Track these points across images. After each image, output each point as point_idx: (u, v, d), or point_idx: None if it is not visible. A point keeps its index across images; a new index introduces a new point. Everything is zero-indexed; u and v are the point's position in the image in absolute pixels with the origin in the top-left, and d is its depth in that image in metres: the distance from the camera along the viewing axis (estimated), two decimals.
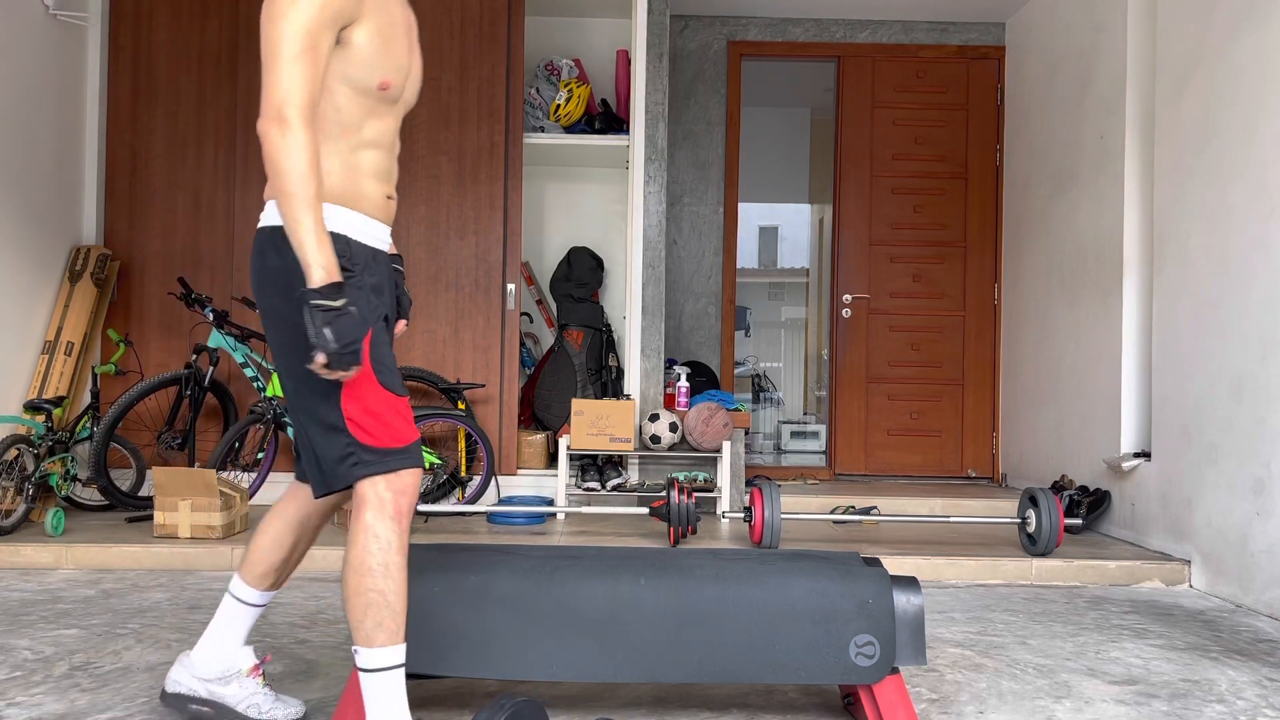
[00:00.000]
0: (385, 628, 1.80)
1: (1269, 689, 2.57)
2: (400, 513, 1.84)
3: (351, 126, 1.89)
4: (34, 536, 3.93)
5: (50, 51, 4.74)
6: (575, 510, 4.42)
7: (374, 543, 1.81)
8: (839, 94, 6.24)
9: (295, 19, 1.73)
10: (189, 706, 2.11)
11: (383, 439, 1.84)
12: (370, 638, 1.80)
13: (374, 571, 1.79)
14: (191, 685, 2.12)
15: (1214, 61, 3.79)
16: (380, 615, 1.80)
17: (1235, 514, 3.58)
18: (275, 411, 4.51)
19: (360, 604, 1.80)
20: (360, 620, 1.80)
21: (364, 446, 1.84)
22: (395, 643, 1.82)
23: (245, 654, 2.14)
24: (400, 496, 1.84)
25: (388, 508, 1.83)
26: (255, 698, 2.12)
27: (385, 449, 1.84)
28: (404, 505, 1.85)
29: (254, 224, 5.08)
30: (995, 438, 6.13)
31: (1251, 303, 3.52)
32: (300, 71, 1.73)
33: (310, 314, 1.70)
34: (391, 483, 1.84)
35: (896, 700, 2.05)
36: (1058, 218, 5.25)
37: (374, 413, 1.85)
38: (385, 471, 1.84)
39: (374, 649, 1.80)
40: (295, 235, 1.72)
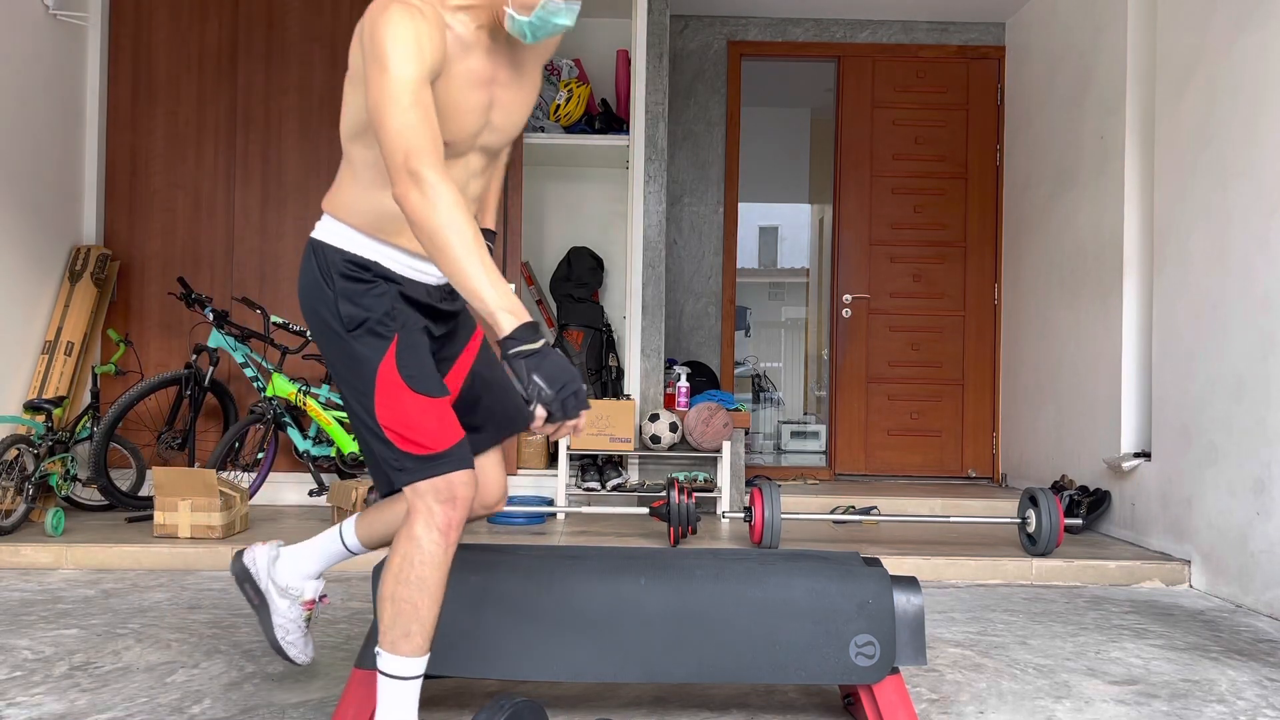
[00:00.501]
0: (412, 639, 1.78)
1: (1269, 689, 2.57)
2: (449, 525, 1.79)
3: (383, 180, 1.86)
4: (34, 536, 3.93)
5: (50, 51, 4.74)
6: (575, 510, 4.42)
7: (417, 554, 1.77)
8: (839, 94, 6.24)
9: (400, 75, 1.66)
10: (244, 584, 2.22)
11: (423, 444, 1.81)
12: (395, 644, 1.78)
13: (410, 583, 1.77)
14: (260, 572, 2.21)
15: (1214, 61, 3.79)
16: (409, 625, 1.78)
17: (1235, 514, 3.58)
18: (275, 411, 4.51)
19: (391, 610, 1.78)
20: (389, 626, 1.78)
21: (405, 454, 1.81)
22: (418, 654, 1.80)
23: (314, 585, 2.24)
24: (449, 508, 1.80)
25: (436, 519, 1.79)
26: (291, 625, 2.20)
27: (427, 455, 1.81)
28: (453, 517, 1.80)
29: (254, 224, 5.08)
30: (995, 438, 6.13)
31: (1251, 303, 3.52)
32: (421, 123, 1.65)
33: (514, 365, 1.59)
34: (440, 491, 1.80)
35: (896, 700, 2.05)
36: (1058, 218, 5.25)
37: (409, 421, 1.82)
38: (430, 476, 1.80)
39: (396, 656, 1.79)
40: (466, 288, 1.61)
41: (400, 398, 1.82)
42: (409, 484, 1.81)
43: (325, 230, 1.93)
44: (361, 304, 1.86)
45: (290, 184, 5.09)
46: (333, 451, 4.63)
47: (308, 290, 1.92)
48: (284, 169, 5.09)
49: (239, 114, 5.08)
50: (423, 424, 1.81)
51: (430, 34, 1.70)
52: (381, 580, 1.80)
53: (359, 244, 1.89)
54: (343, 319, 1.86)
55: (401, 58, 1.66)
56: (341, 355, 1.87)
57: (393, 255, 1.90)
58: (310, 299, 1.91)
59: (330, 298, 1.87)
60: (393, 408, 1.82)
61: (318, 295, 1.89)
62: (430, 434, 1.81)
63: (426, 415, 1.82)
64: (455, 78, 1.80)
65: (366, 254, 1.89)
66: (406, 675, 1.79)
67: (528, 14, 1.77)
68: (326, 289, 1.88)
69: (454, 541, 1.81)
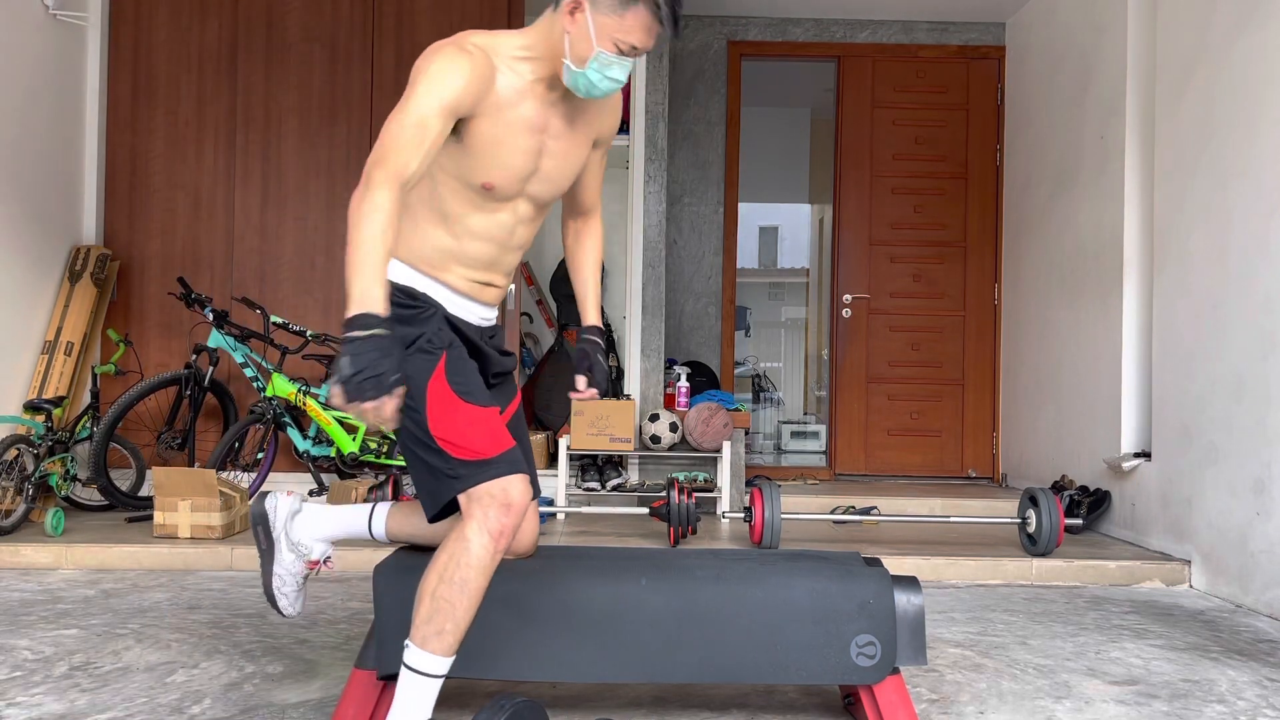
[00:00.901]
0: (444, 637, 1.80)
1: (1269, 689, 2.57)
2: (501, 531, 1.82)
3: (453, 217, 1.96)
4: (34, 536, 3.93)
5: (50, 51, 4.74)
6: (575, 510, 4.42)
7: (464, 555, 1.80)
8: (839, 94, 6.24)
9: (416, 99, 1.79)
10: (257, 527, 2.24)
11: (477, 450, 1.85)
12: (426, 640, 1.80)
13: (454, 583, 1.79)
14: (277, 521, 2.24)
15: (1214, 61, 3.79)
16: (443, 623, 1.80)
17: (1235, 514, 3.58)
18: (275, 411, 4.51)
19: (430, 605, 1.80)
20: (424, 621, 1.80)
21: (460, 461, 1.85)
22: (447, 654, 1.82)
23: (322, 548, 2.26)
24: (503, 513, 1.82)
25: (490, 524, 1.82)
26: (290, 578, 2.23)
27: (481, 460, 1.85)
28: (506, 524, 1.82)
29: (253, 224, 5.08)
30: (995, 438, 6.13)
31: (1251, 303, 3.52)
32: (404, 145, 1.76)
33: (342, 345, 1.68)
34: (496, 495, 1.83)
35: (897, 700, 2.05)
36: (1058, 218, 5.25)
37: (461, 429, 1.86)
38: (485, 480, 1.83)
39: (424, 652, 1.81)
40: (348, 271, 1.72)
41: (453, 408, 1.87)
42: (464, 490, 1.84)
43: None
44: (411, 325, 1.93)
45: (290, 184, 5.09)
46: (332, 451, 4.63)
47: None
48: (284, 169, 5.09)
49: (239, 114, 5.08)
50: (475, 431, 1.87)
51: (471, 76, 1.81)
52: (425, 576, 1.83)
53: (410, 277, 1.97)
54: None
55: (427, 89, 1.79)
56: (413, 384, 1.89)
57: (440, 290, 1.98)
58: None
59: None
60: (445, 418, 1.87)
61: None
62: (483, 440, 1.86)
63: (477, 423, 1.88)
64: (506, 121, 1.90)
65: (417, 286, 1.96)
66: (431, 673, 1.81)
67: (581, 66, 1.88)
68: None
69: (502, 549, 1.83)
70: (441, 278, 1.98)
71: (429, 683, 1.82)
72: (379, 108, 5.07)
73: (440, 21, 5.09)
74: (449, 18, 5.09)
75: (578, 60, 1.87)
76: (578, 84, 1.90)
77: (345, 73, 5.09)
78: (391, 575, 2.06)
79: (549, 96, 1.95)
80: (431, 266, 1.97)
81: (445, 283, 1.98)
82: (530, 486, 1.90)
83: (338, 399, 1.65)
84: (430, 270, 1.97)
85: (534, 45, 1.92)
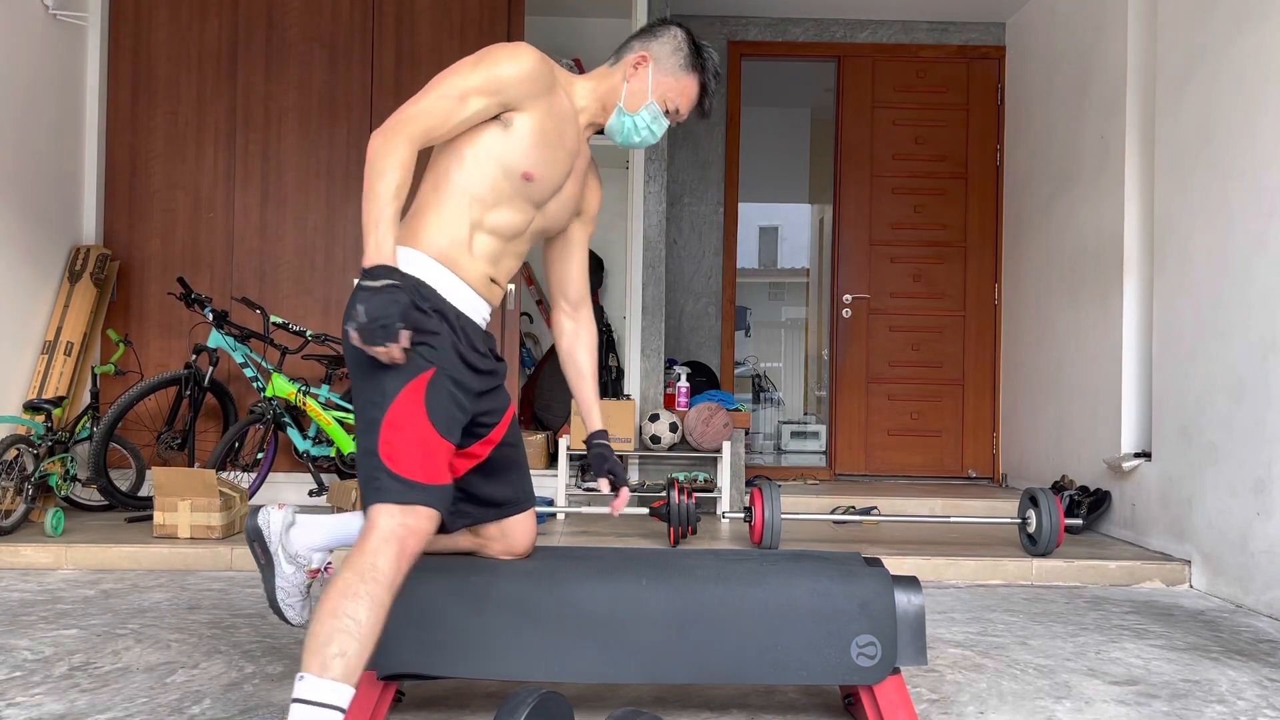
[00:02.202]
0: (346, 660, 1.67)
1: (1269, 689, 2.57)
2: (405, 552, 1.78)
3: (480, 202, 1.97)
4: (34, 536, 3.93)
5: (50, 51, 4.74)
6: (575, 510, 4.42)
7: (370, 571, 1.73)
8: (839, 94, 6.24)
9: (464, 73, 1.91)
10: (254, 543, 2.23)
11: (411, 470, 1.81)
12: (327, 665, 1.66)
13: (360, 598, 1.70)
14: (272, 535, 2.23)
15: (1214, 61, 3.79)
16: (346, 644, 1.67)
17: (1235, 514, 3.58)
18: (275, 411, 4.51)
19: (330, 626, 1.68)
20: (323, 644, 1.67)
21: (390, 473, 1.81)
22: (348, 681, 1.67)
23: (320, 556, 2.28)
24: (411, 536, 1.79)
25: (395, 542, 1.77)
26: (293, 589, 2.23)
27: (411, 480, 1.80)
28: (412, 546, 1.79)
29: (253, 223, 5.08)
30: (995, 438, 6.13)
31: (1251, 303, 3.52)
32: (435, 106, 1.87)
33: (355, 293, 1.75)
34: (407, 518, 1.79)
35: (897, 700, 2.05)
36: (1058, 217, 5.25)
37: (410, 444, 1.82)
38: (405, 502, 1.79)
39: (324, 680, 1.65)
40: (365, 219, 1.80)
41: (412, 421, 1.83)
42: (382, 503, 1.79)
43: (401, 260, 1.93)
44: (418, 324, 1.87)
45: (290, 184, 5.08)
46: (332, 451, 4.63)
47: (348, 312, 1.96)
48: (284, 169, 5.08)
49: (239, 114, 5.08)
50: (419, 454, 1.82)
51: (530, 70, 1.93)
52: (323, 595, 1.73)
53: (427, 270, 1.94)
54: None
55: (479, 66, 1.91)
56: (371, 360, 1.84)
57: (456, 286, 1.97)
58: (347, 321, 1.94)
59: None
60: (401, 426, 1.82)
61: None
62: (422, 465, 1.82)
63: (425, 448, 1.83)
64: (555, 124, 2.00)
65: (433, 283, 1.94)
66: (330, 703, 1.65)
67: (634, 111, 2.08)
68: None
69: (405, 570, 1.78)
70: (458, 272, 1.97)
71: (329, 716, 1.65)
72: (379, 108, 5.07)
73: (440, 21, 5.09)
74: (449, 18, 5.09)
75: (631, 106, 2.08)
76: (624, 125, 2.10)
77: (345, 73, 5.09)
78: None
79: (583, 133, 2.11)
80: (449, 261, 1.96)
81: (462, 277, 1.97)
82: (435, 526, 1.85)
83: (356, 340, 1.74)
84: (449, 264, 1.96)
85: (587, 87, 2.10)
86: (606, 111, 2.10)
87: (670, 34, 2.10)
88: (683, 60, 2.09)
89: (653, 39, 2.09)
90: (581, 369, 2.30)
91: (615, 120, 2.09)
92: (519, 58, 1.92)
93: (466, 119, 1.91)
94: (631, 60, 2.08)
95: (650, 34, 2.11)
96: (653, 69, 2.07)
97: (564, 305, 2.29)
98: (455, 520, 2.13)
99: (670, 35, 2.09)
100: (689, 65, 2.09)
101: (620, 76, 2.09)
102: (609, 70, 2.11)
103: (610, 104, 2.09)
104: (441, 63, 5.06)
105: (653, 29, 2.12)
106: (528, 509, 2.20)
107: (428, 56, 5.08)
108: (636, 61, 2.07)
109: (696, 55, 2.10)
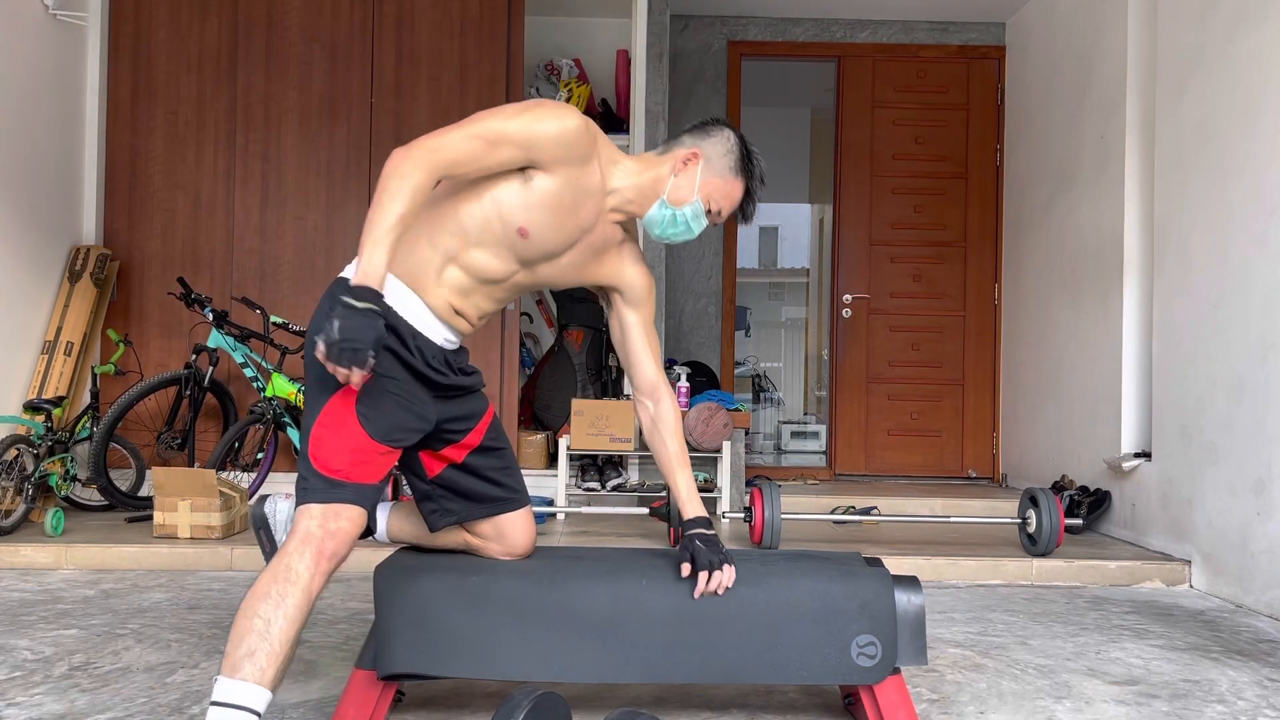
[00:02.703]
0: (255, 661, 1.66)
1: (1269, 689, 2.57)
2: (324, 554, 1.77)
3: (463, 236, 1.95)
4: (34, 536, 3.93)
5: (50, 51, 4.74)
6: (575, 510, 4.42)
7: (285, 572, 1.73)
8: (839, 94, 6.24)
9: (504, 119, 1.87)
10: (259, 531, 2.23)
11: (335, 468, 1.81)
12: (236, 666, 1.65)
13: (269, 598, 1.70)
14: (278, 525, 2.23)
15: (1214, 61, 3.79)
16: (254, 645, 1.66)
17: (1235, 514, 3.58)
18: (275, 411, 4.51)
19: (242, 627, 1.69)
20: (235, 644, 1.68)
21: (314, 472, 1.81)
22: (259, 682, 1.65)
23: None
24: (330, 539, 1.78)
25: (313, 543, 1.76)
26: None
27: (333, 480, 1.80)
28: (331, 548, 1.78)
29: (253, 223, 5.08)
30: (995, 438, 6.13)
31: (1251, 303, 3.52)
32: (465, 145, 1.84)
33: (331, 304, 1.69)
34: (328, 519, 1.78)
35: (897, 700, 2.05)
36: (1058, 217, 5.25)
37: (337, 443, 1.82)
38: (325, 501, 1.79)
39: (234, 680, 1.64)
40: (364, 234, 1.75)
41: (341, 423, 1.83)
42: (306, 503, 1.80)
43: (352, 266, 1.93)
44: None
45: (290, 184, 5.08)
46: None
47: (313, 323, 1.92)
48: (284, 169, 5.08)
49: (239, 114, 5.08)
50: (345, 453, 1.82)
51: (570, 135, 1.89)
52: (245, 598, 1.74)
53: (390, 289, 1.92)
54: None
55: (522, 116, 1.87)
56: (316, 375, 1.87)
57: (415, 307, 1.95)
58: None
59: None
60: (330, 427, 1.83)
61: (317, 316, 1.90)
62: (346, 464, 1.82)
63: (353, 449, 1.83)
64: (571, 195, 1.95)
65: (392, 301, 1.91)
66: (244, 705, 1.64)
67: (678, 206, 2.05)
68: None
69: (325, 572, 1.78)
70: (422, 295, 1.95)
71: (241, 718, 1.63)
72: (379, 108, 5.07)
73: (440, 21, 5.09)
74: (449, 18, 5.09)
75: (675, 201, 2.05)
76: (664, 217, 2.06)
77: (345, 73, 5.09)
78: (392, 575, 2.06)
79: (606, 215, 2.05)
80: (412, 281, 1.95)
81: (425, 300, 1.95)
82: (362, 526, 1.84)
83: (320, 354, 1.68)
84: (412, 284, 1.95)
85: (629, 170, 2.05)
86: (645, 199, 2.06)
87: (724, 135, 2.08)
88: (733, 163, 2.07)
89: (706, 137, 2.07)
90: (662, 456, 2.20)
91: (656, 212, 2.06)
92: (563, 121, 1.89)
93: (492, 165, 1.88)
94: (682, 155, 2.05)
95: (704, 131, 2.09)
96: (702, 167, 2.05)
97: (642, 392, 2.21)
98: (440, 518, 2.12)
99: (724, 137, 2.08)
100: (738, 169, 2.07)
101: (668, 169, 2.05)
102: (656, 159, 2.08)
103: (652, 194, 2.06)
104: (441, 63, 5.06)
105: (706, 127, 2.10)
106: (521, 507, 2.18)
107: (428, 56, 5.08)
108: (687, 157, 2.05)
109: (746, 160, 2.08)
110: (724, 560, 2.04)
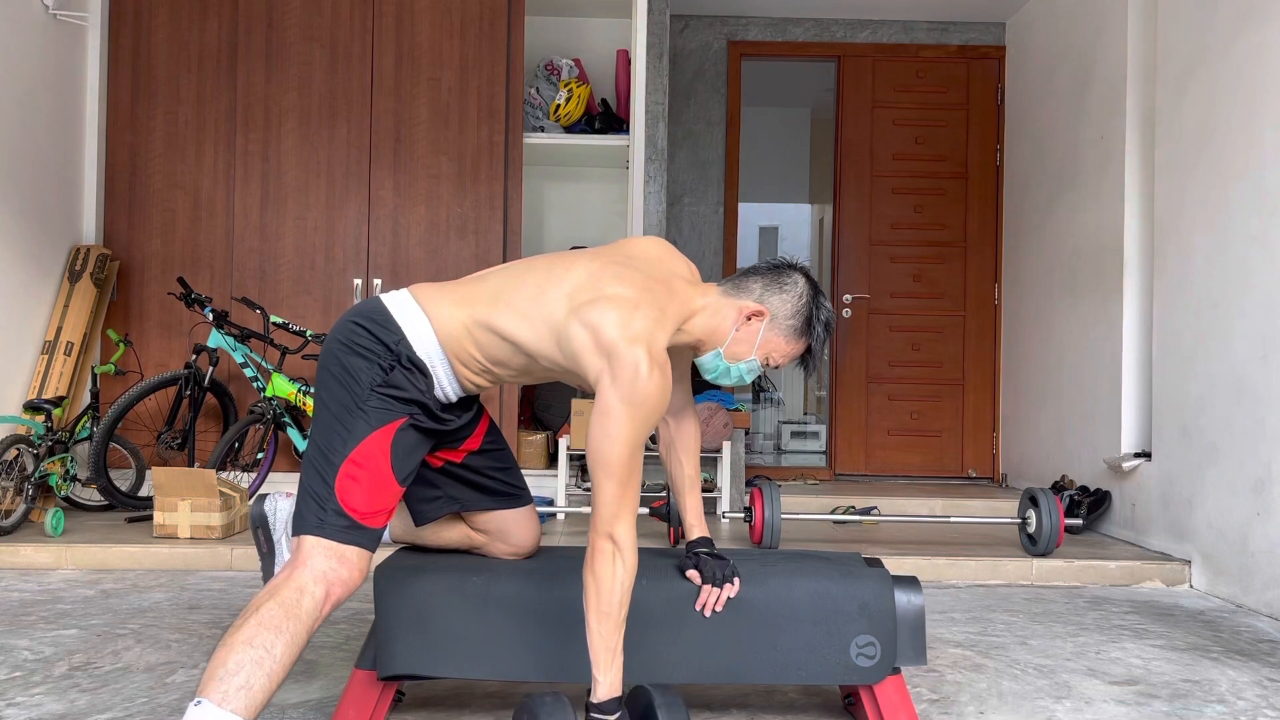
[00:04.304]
0: (250, 694, 1.62)
1: (1269, 689, 2.57)
2: (330, 598, 1.76)
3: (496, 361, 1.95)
4: (34, 536, 3.93)
5: (50, 51, 4.73)
6: (575, 510, 4.42)
7: (295, 608, 1.70)
8: (839, 94, 6.24)
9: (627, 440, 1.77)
10: (258, 530, 2.22)
11: (358, 510, 1.80)
12: (228, 696, 1.59)
13: (281, 633, 1.67)
14: (277, 524, 2.22)
15: (1214, 61, 3.79)
16: (253, 678, 1.62)
17: (1235, 514, 3.58)
18: (275, 411, 4.51)
19: (242, 655, 1.63)
20: (231, 672, 1.61)
21: (338, 508, 1.79)
22: (247, 717, 1.61)
23: None
24: (338, 586, 1.78)
25: (323, 586, 1.75)
26: None
27: (354, 520, 1.80)
28: (337, 594, 1.78)
29: (253, 223, 5.07)
30: (995, 438, 6.13)
31: (1251, 303, 3.52)
32: (629, 494, 1.78)
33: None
34: (342, 568, 1.78)
35: (897, 700, 2.05)
36: (1058, 217, 5.25)
37: (366, 485, 1.81)
38: (343, 541, 1.79)
39: (223, 711, 1.59)
40: (594, 647, 1.76)
41: (375, 465, 1.82)
42: (320, 536, 1.78)
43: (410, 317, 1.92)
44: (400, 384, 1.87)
45: (290, 184, 5.08)
46: None
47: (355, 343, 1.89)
48: (284, 169, 5.08)
49: (239, 114, 5.08)
50: (371, 497, 1.82)
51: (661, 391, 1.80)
52: (240, 623, 1.69)
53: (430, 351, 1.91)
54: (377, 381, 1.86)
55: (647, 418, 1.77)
56: (344, 401, 1.85)
57: (445, 371, 1.93)
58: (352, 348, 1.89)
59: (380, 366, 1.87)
60: (362, 465, 1.81)
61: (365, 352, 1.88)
62: (371, 509, 1.82)
63: (380, 493, 1.83)
64: None
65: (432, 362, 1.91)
66: None
67: (733, 362, 1.99)
68: (381, 357, 1.87)
69: (328, 614, 1.77)
70: (452, 361, 1.94)
71: None
72: (379, 108, 5.07)
73: (440, 21, 5.08)
74: (449, 18, 5.09)
75: (732, 356, 1.99)
76: (718, 368, 2.01)
77: (345, 73, 5.08)
78: (392, 575, 2.06)
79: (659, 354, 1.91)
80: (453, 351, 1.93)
81: (453, 367, 1.94)
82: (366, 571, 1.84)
83: None
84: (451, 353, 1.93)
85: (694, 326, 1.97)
86: (701, 343, 1.99)
87: (795, 292, 1.97)
88: (799, 325, 1.97)
89: (778, 290, 1.97)
90: (675, 476, 2.23)
91: (711, 361, 2.00)
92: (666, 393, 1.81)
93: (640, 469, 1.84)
94: (747, 311, 1.95)
95: (776, 282, 1.98)
96: (766, 326, 1.96)
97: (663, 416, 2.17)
98: (443, 505, 2.11)
99: (795, 294, 1.97)
100: (803, 330, 1.98)
101: (730, 322, 1.96)
102: (721, 301, 1.98)
103: (709, 341, 1.99)
104: (441, 63, 5.06)
105: (779, 274, 1.99)
106: (524, 504, 2.18)
107: (428, 56, 5.08)
108: (752, 314, 1.95)
109: (812, 319, 1.98)
110: (734, 573, 2.07)
